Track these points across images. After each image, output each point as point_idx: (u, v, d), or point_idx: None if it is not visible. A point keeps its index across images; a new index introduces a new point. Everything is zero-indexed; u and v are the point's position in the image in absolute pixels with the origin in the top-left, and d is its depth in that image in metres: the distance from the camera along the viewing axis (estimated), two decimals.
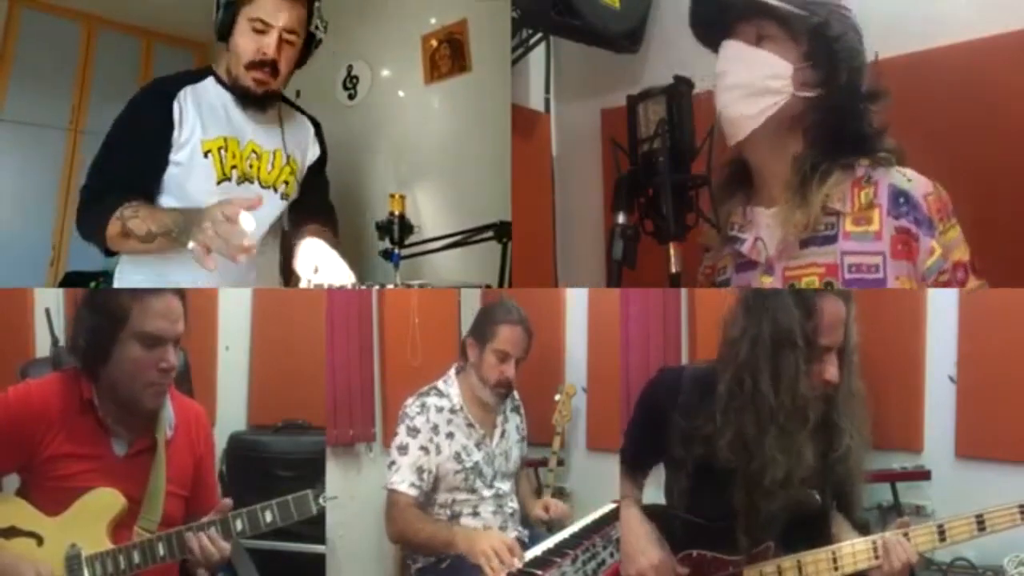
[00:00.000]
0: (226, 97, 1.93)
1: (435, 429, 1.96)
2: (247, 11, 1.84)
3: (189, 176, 1.87)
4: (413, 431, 1.95)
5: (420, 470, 1.92)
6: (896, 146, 1.45)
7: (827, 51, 1.40)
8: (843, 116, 1.43)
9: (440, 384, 2.04)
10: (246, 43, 1.85)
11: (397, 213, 2.19)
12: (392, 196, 2.24)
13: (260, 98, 1.91)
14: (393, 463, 1.94)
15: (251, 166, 1.95)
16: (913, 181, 1.40)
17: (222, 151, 1.91)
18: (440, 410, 1.98)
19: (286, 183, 2.03)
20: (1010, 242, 1.74)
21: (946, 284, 1.35)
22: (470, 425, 2.01)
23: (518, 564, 1.68)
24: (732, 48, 1.47)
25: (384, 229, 2.20)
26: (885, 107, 1.46)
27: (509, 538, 1.78)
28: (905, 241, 1.36)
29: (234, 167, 1.92)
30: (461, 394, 2.02)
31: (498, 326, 1.98)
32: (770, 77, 1.42)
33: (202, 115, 1.89)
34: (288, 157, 2.02)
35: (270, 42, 1.83)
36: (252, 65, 1.86)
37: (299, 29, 1.87)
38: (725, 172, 1.58)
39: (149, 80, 2.16)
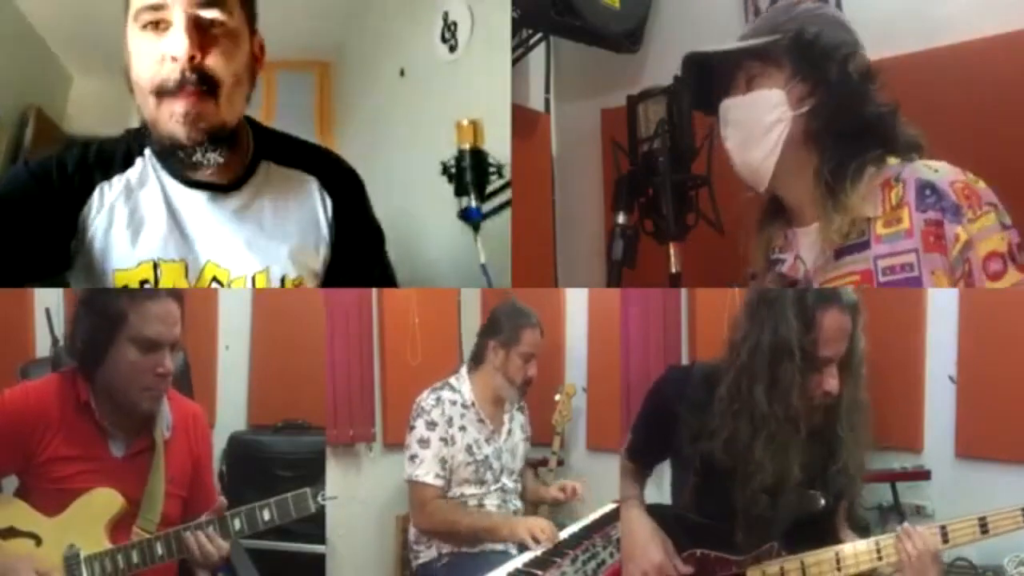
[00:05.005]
0: (164, 182, 1.30)
1: (450, 422, 2.03)
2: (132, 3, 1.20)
3: None
4: (431, 424, 2.01)
5: (443, 461, 2.00)
6: (916, 134, 1.41)
7: (808, 57, 1.38)
8: (846, 108, 1.39)
9: (452, 380, 2.11)
10: (142, 57, 1.20)
11: (468, 148, 1.59)
12: (460, 125, 1.64)
13: (202, 150, 1.22)
14: (415, 456, 1.99)
15: None
16: (940, 171, 1.35)
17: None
18: (454, 404, 2.06)
19: None
20: None
21: (970, 276, 1.29)
22: (481, 421, 2.07)
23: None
24: (725, 106, 1.46)
25: (454, 175, 1.55)
26: (887, 87, 1.42)
27: (547, 521, 1.90)
28: (936, 233, 1.31)
29: None
30: (473, 391, 2.09)
31: (522, 331, 2.07)
32: (765, 112, 1.40)
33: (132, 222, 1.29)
34: (283, 278, 1.37)
35: (177, 36, 1.16)
36: (162, 90, 1.19)
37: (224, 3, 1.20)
38: (762, 205, 1.55)
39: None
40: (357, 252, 1.44)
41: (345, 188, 1.45)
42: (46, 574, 1.35)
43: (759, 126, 1.41)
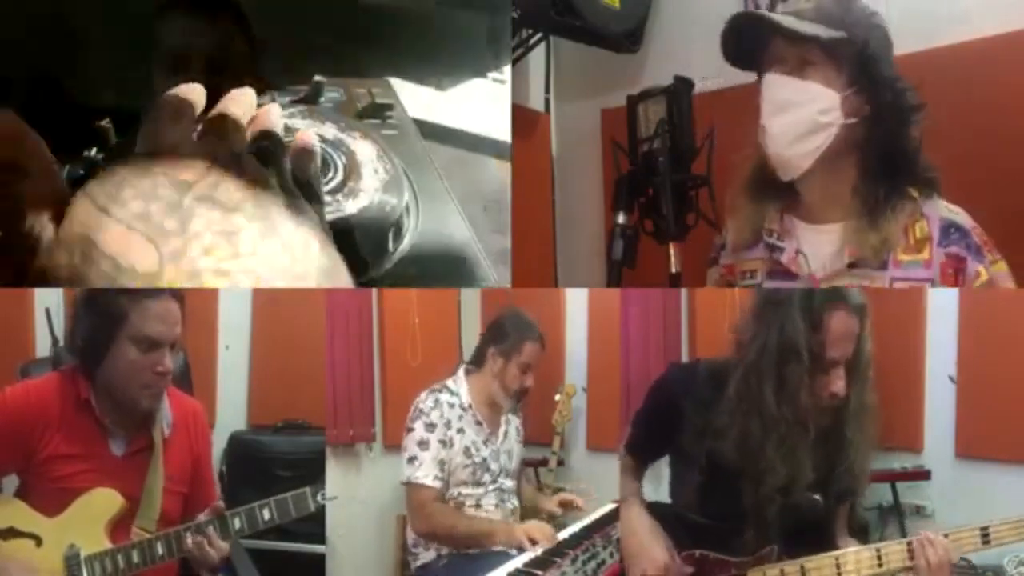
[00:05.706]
0: None
1: (448, 424, 2.03)
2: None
3: None
4: (430, 426, 2.01)
5: (441, 463, 1.99)
6: (933, 170, 1.43)
7: (870, 74, 1.38)
8: (891, 133, 1.40)
9: (450, 383, 2.10)
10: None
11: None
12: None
13: None
14: (414, 458, 1.98)
15: None
16: (960, 215, 1.40)
17: None
18: (452, 406, 2.05)
19: None
20: (1012, 242, 1.73)
21: None
22: (478, 423, 2.08)
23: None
24: (777, 83, 1.41)
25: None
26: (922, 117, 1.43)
27: (546, 525, 1.92)
28: (955, 267, 1.36)
29: None
30: (470, 393, 2.09)
31: (524, 343, 2.07)
32: (820, 113, 1.37)
33: None
34: None
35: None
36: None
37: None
38: (753, 173, 1.51)
39: None
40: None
41: None
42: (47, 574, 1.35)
43: (807, 121, 1.38)
